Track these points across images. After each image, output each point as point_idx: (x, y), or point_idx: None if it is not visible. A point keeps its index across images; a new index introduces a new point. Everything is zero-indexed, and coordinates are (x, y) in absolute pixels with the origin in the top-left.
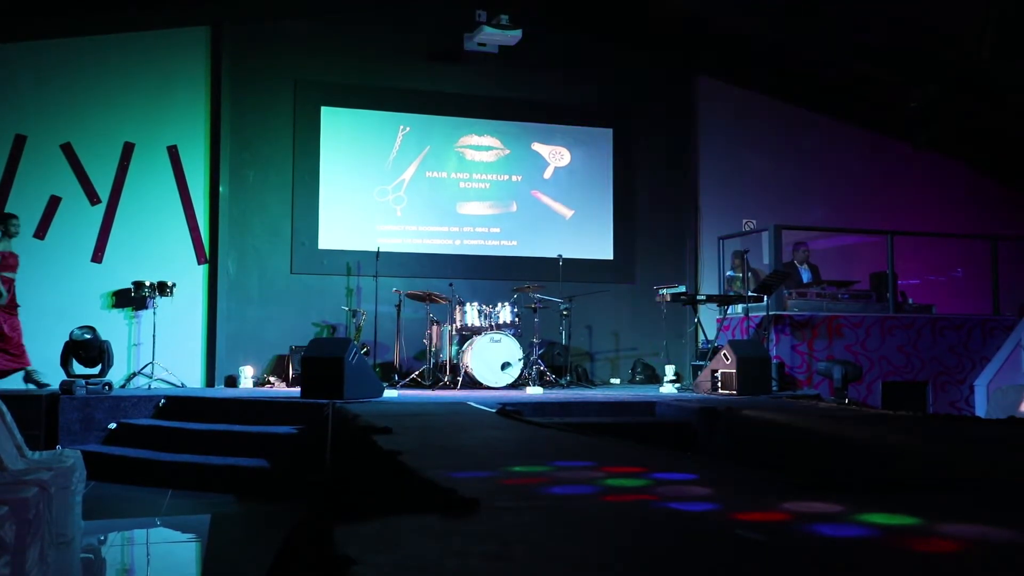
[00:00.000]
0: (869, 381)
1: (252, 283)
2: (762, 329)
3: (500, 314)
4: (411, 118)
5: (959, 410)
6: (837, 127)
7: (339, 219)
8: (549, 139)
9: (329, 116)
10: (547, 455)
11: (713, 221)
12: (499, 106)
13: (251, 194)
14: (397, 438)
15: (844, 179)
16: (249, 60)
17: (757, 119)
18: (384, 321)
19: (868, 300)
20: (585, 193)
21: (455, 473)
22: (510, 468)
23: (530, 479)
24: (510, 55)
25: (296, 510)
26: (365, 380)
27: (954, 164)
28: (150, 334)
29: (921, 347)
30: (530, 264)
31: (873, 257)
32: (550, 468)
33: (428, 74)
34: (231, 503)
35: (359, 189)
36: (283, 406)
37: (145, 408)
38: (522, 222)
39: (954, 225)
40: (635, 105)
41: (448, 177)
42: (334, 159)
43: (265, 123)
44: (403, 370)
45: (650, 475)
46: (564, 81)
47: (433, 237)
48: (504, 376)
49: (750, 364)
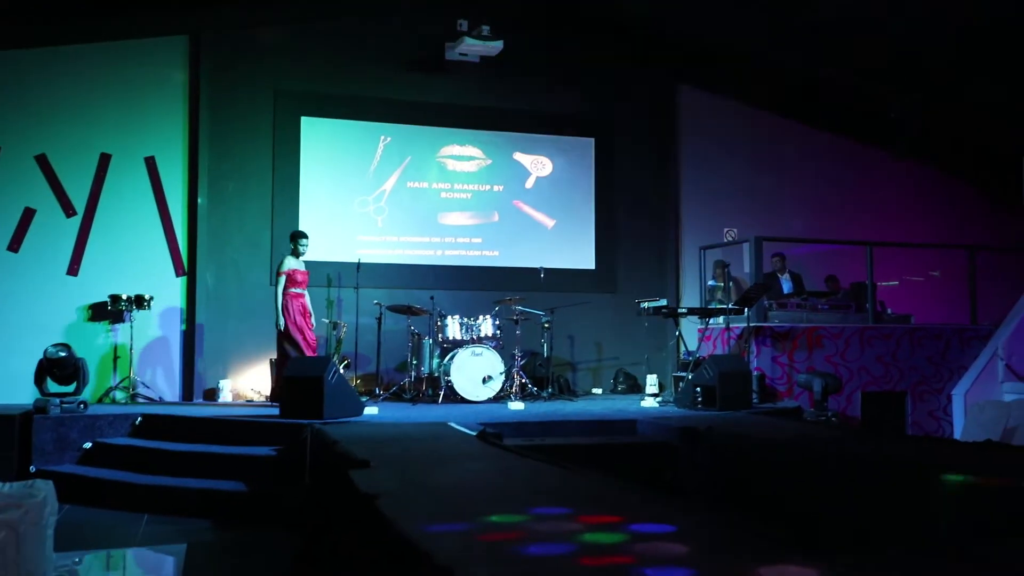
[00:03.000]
0: (849, 392)
1: (231, 295)
2: (743, 341)
3: (481, 326)
4: (392, 128)
5: (937, 419)
6: (818, 136)
7: (319, 230)
8: (531, 149)
9: (309, 126)
10: (525, 498)
11: (695, 231)
12: (481, 116)
13: (230, 205)
14: (374, 474)
15: (824, 188)
16: (228, 70)
17: (738, 128)
18: (365, 333)
19: (848, 311)
20: (567, 203)
21: (432, 526)
22: (487, 518)
23: (507, 534)
24: (492, 65)
25: (273, 538)
26: (345, 399)
27: (932, 173)
28: (127, 348)
29: (900, 357)
30: (512, 274)
31: (853, 263)
32: (527, 518)
33: (409, 84)
34: (207, 529)
35: (340, 200)
36: (262, 426)
37: (121, 426)
38: (504, 232)
39: (932, 234)
40: (617, 115)
41: (429, 187)
42: (314, 169)
43: (244, 133)
44: (384, 383)
45: (627, 527)
46: (546, 91)
47: (414, 248)
48: (486, 390)
49: (731, 379)
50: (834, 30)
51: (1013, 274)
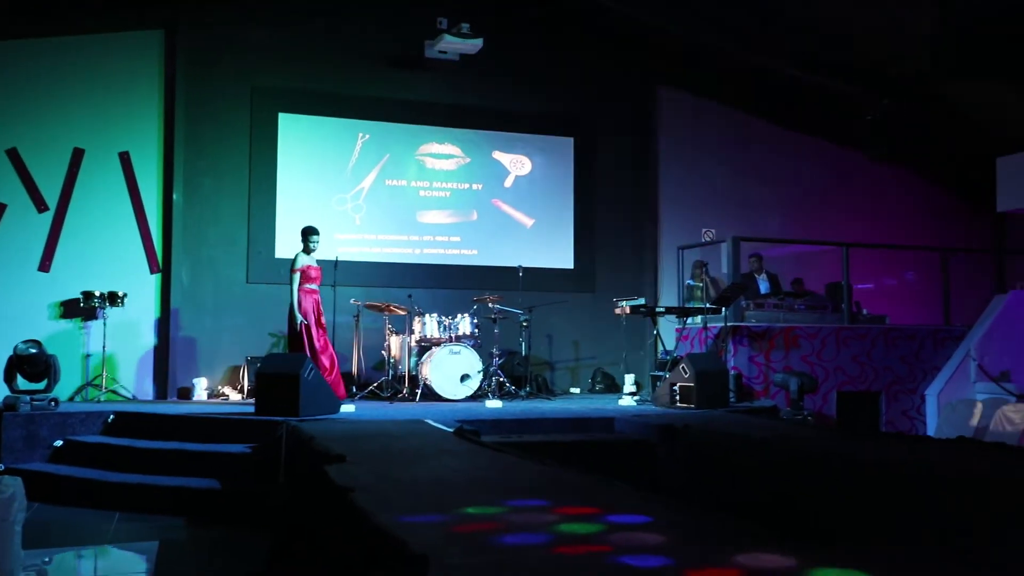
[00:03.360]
0: (824, 391)
1: (206, 293)
2: (720, 340)
3: (460, 325)
4: (370, 125)
5: (910, 419)
6: (796, 138)
7: (296, 227)
8: (510, 148)
9: (287, 123)
10: (501, 491)
11: (673, 230)
12: (460, 114)
13: (206, 202)
14: (350, 468)
15: (801, 188)
16: (205, 65)
17: (717, 129)
18: (342, 331)
19: (824, 311)
20: (546, 202)
21: (408, 517)
22: (463, 510)
23: (483, 524)
24: (471, 63)
25: (247, 536)
26: (321, 396)
27: (908, 175)
28: (100, 345)
29: (875, 357)
30: (490, 273)
31: (830, 264)
32: (503, 510)
33: (388, 81)
34: (180, 527)
35: (317, 197)
36: (236, 424)
37: (93, 424)
38: (482, 231)
39: (906, 235)
40: (597, 115)
41: (408, 185)
42: (291, 166)
43: (221, 129)
44: (361, 381)
45: (604, 518)
46: (526, 90)
47: (392, 246)
48: (463, 388)
49: (708, 378)
50: (812, 32)
51: (986, 276)
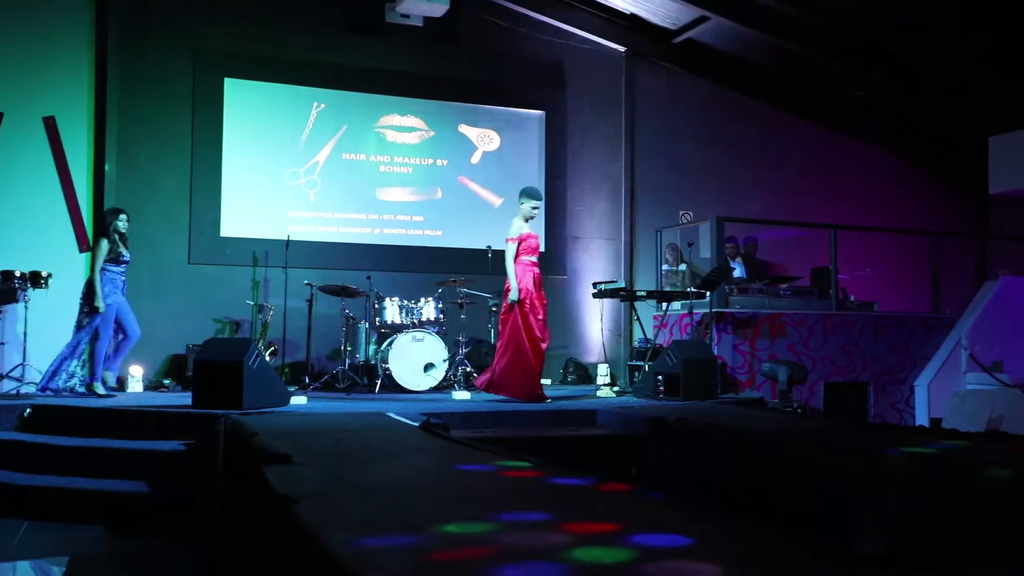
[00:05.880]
0: (811, 382)
1: (143, 274)
2: (702, 327)
3: (423, 310)
4: (326, 94)
5: (899, 411)
6: (779, 117)
7: (244, 204)
8: (477, 121)
9: (234, 89)
10: (488, 499)
11: (649, 212)
12: (423, 84)
13: (142, 174)
14: (296, 471)
15: (786, 171)
16: (141, 22)
17: (696, 107)
18: (294, 317)
19: (810, 297)
20: (515, 180)
21: (367, 540)
22: (442, 528)
23: (470, 550)
24: (436, 29)
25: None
26: (268, 387)
27: (897, 159)
28: (20, 331)
29: (863, 346)
30: (456, 255)
31: (813, 250)
32: (494, 527)
33: (345, 46)
34: (99, 538)
35: (267, 171)
36: (170, 418)
37: (7, 419)
38: (448, 210)
39: (892, 219)
40: (569, 87)
41: (367, 160)
42: (239, 137)
43: (159, 94)
44: (315, 372)
45: (629, 539)
46: (494, 59)
47: (350, 225)
48: (427, 379)
49: (696, 367)
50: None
51: (971, 261)
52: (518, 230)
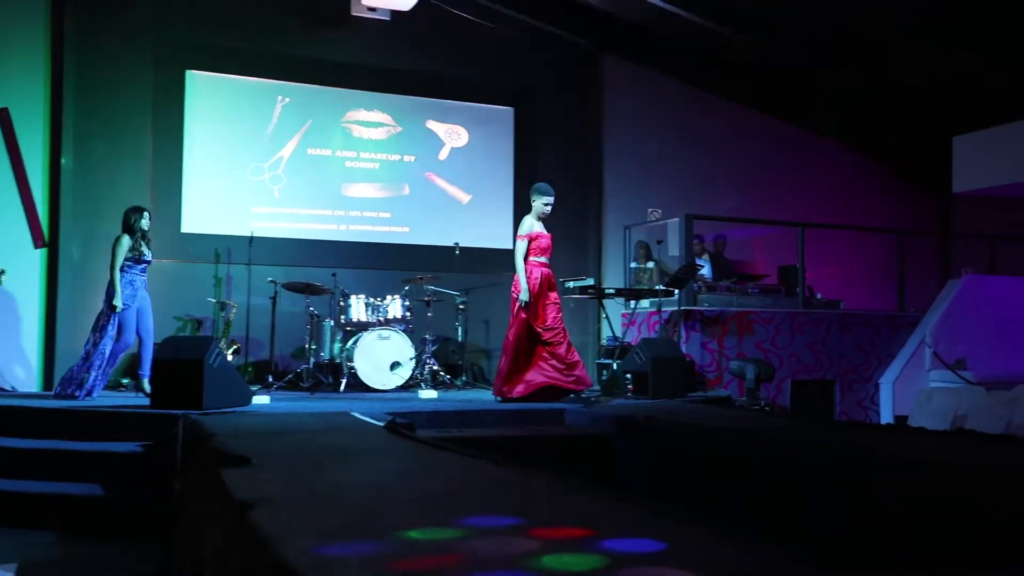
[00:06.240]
0: (779, 380)
1: (101, 271)
2: (671, 325)
3: (389, 308)
4: (291, 88)
5: (864, 409)
6: (749, 115)
7: (206, 199)
8: (446, 117)
9: (196, 82)
10: (454, 503)
11: (618, 209)
12: (391, 78)
13: (101, 168)
14: (256, 474)
15: (755, 169)
16: (100, 12)
17: (665, 104)
18: (258, 315)
19: (778, 295)
20: (484, 177)
21: (326, 548)
22: (405, 534)
23: (435, 557)
24: (404, 22)
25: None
26: (229, 386)
27: (863, 157)
28: None
29: (830, 344)
30: (423, 253)
31: (781, 248)
32: (460, 533)
33: (311, 39)
34: (50, 544)
35: (230, 166)
36: (128, 418)
37: None
38: (415, 207)
39: (859, 218)
40: (538, 83)
41: (333, 155)
42: (201, 131)
43: (118, 87)
44: (279, 370)
45: (600, 544)
46: (463, 54)
47: (315, 221)
48: (394, 377)
49: (665, 365)
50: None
51: (934, 259)
52: (529, 227)
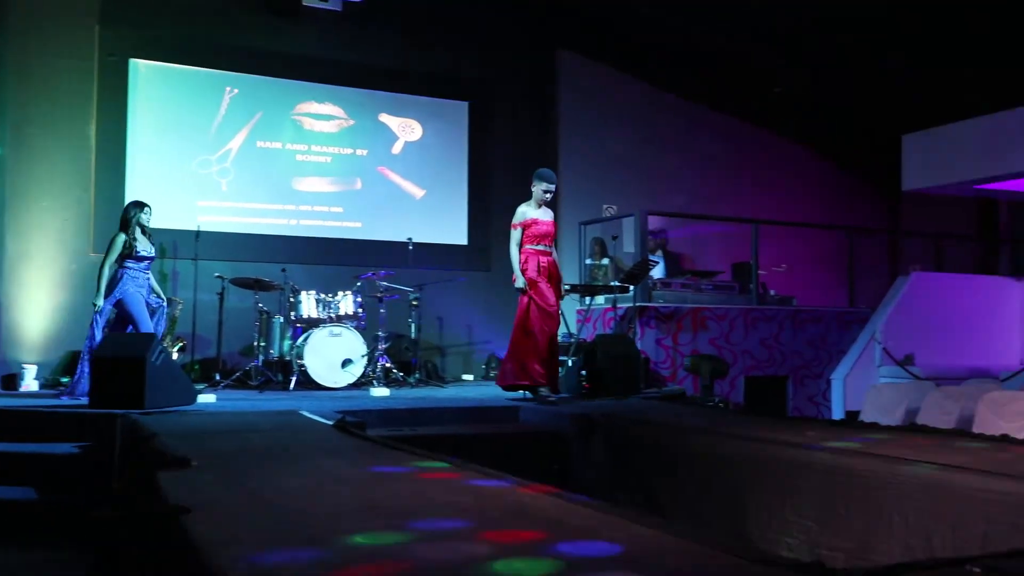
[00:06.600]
0: (732, 376)
1: (39, 265)
2: (626, 322)
3: (341, 304)
4: (240, 79)
5: (816, 405)
6: (704, 113)
7: (151, 192)
8: (399, 110)
9: (140, 71)
10: (403, 505)
11: (573, 205)
12: (343, 71)
13: (38, 159)
14: (194, 477)
15: (709, 166)
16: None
17: (620, 99)
18: (205, 311)
19: (731, 291)
20: (438, 171)
21: (264, 555)
22: (349, 539)
23: (379, 565)
24: (356, 14)
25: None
26: (173, 385)
27: (813, 155)
28: None
29: (783, 340)
30: (376, 248)
31: (727, 243)
32: (407, 537)
33: (261, 29)
34: None
35: (176, 158)
36: (65, 418)
37: None
38: (367, 201)
39: (811, 215)
40: (493, 77)
41: (283, 148)
42: (146, 122)
43: (59, 73)
44: (227, 368)
45: (554, 548)
46: (417, 47)
47: (264, 216)
48: (345, 375)
49: (621, 362)
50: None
51: (890, 257)
52: (522, 215)
